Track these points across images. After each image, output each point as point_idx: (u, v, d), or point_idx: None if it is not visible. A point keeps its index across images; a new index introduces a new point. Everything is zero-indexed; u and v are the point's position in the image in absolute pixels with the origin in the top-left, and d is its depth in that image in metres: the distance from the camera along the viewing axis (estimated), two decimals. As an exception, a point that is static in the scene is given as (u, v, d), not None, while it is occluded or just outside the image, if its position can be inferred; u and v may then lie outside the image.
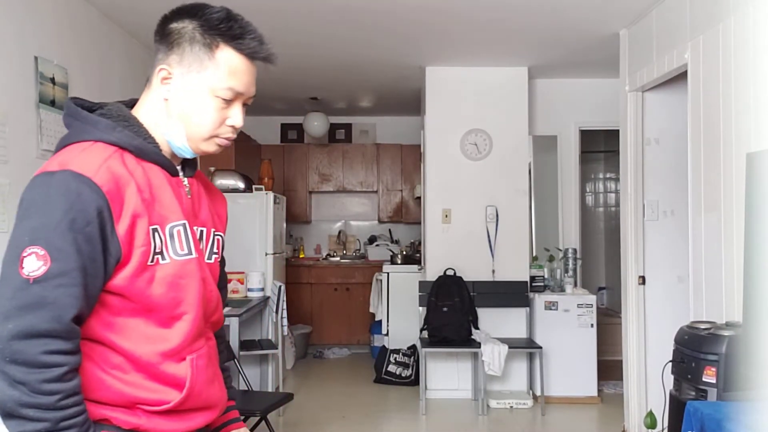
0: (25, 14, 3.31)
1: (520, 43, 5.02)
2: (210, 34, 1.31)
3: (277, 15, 4.23)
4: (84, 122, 1.29)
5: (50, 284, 1.16)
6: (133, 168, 1.27)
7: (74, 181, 1.19)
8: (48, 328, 1.15)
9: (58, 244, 1.17)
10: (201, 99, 1.32)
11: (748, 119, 2.98)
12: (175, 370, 1.30)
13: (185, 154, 1.37)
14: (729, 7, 3.15)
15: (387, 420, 5.13)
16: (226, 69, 1.31)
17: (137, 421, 1.27)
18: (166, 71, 1.32)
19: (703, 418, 2.30)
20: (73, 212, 1.18)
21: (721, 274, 3.22)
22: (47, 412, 1.15)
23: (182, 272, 1.31)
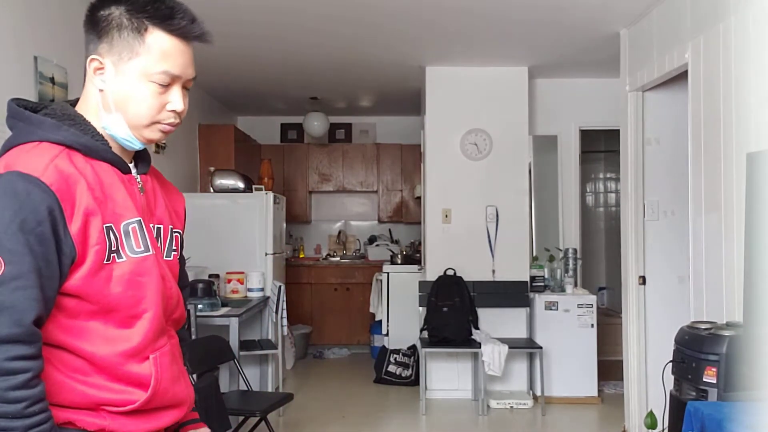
0: (25, 14, 3.30)
1: (521, 43, 5.02)
2: (137, 18, 1.27)
3: (277, 15, 4.23)
4: (27, 123, 1.26)
5: (6, 288, 1.13)
6: (82, 167, 1.23)
7: (22, 181, 1.15)
8: (8, 333, 1.12)
9: (10, 246, 1.14)
10: (136, 86, 1.28)
11: (749, 119, 2.97)
12: (138, 369, 1.27)
13: (134, 144, 1.33)
14: (729, 7, 3.15)
15: (387, 420, 5.13)
16: (158, 52, 1.28)
17: (102, 423, 1.25)
18: (98, 61, 1.28)
19: (703, 418, 2.29)
20: (23, 213, 1.14)
21: (722, 274, 3.21)
22: (14, 421, 1.12)
23: (140, 270, 1.28)
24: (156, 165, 1.48)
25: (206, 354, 3.83)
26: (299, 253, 8.01)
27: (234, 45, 4.89)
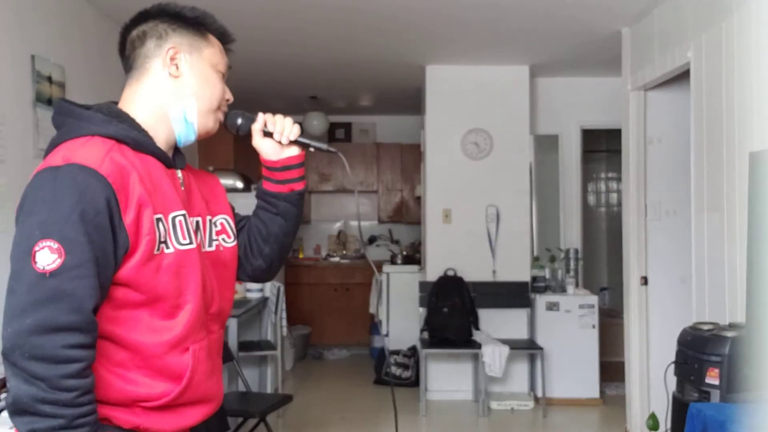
0: (22, 12, 3.29)
1: (522, 42, 5.00)
2: (195, 22, 1.43)
3: (276, 15, 4.21)
4: (78, 119, 1.31)
5: (66, 276, 1.16)
6: (132, 160, 1.28)
7: (81, 173, 1.20)
8: (67, 320, 1.15)
9: (70, 236, 1.17)
10: (208, 72, 1.43)
11: (751, 118, 2.95)
12: (177, 360, 1.31)
13: (190, 136, 1.42)
14: (731, 6, 3.13)
15: (387, 421, 5.11)
16: (218, 48, 1.46)
17: (137, 420, 1.28)
18: (175, 49, 1.39)
19: (706, 419, 2.27)
20: (83, 203, 1.18)
21: (724, 274, 3.19)
22: (64, 409, 1.14)
23: (184, 261, 1.32)
24: None
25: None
26: (299, 254, 8.00)
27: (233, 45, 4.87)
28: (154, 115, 1.38)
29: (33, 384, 1.13)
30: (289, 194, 1.55)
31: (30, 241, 1.18)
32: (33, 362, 1.13)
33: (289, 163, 1.54)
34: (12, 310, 1.16)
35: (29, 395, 1.13)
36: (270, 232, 1.55)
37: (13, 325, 1.15)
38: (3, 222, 3.05)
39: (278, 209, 1.55)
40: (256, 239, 1.56)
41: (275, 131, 1.52)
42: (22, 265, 1.17)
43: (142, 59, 1.40)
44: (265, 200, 1.56)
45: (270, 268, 1.59)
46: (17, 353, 1.14)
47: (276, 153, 1.53)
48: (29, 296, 1.15)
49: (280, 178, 1.54)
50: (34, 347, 1.13)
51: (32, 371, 1.13)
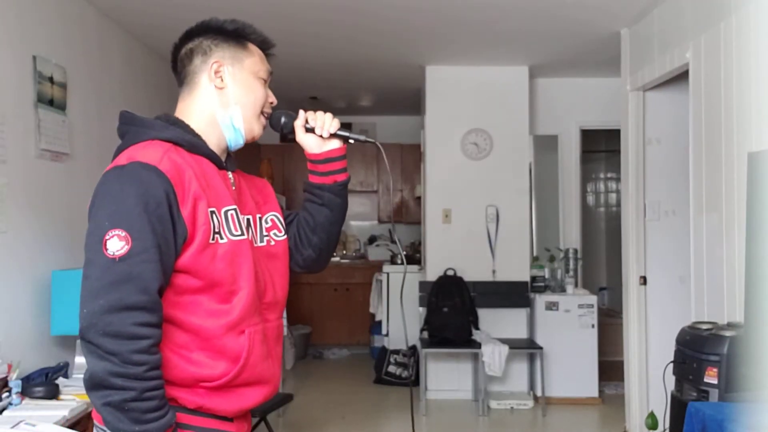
0: (24, 13, 3.29)
1: (521, 43, 5.01)
2: (236, 34, 1.57)
3: (276, 15, 4.22)
4: (140, 126, 1.46)
5: (134, 260, 1.29)
6: (188, 159, 1.43)
7: (143, 169, 1.34)
8: (136, 300, 1.27)
9: (136, 225, 1.30)
10: (250, 79, 1.55)
11: (750, 119, 2.96)
12: (234, 342, 1.41)
13: (239, 140, 1.55)
14: (730, 6, 3.14)
15: (387, 421, 5.12)
16: (258, 57, 1.58)
17: (200, 401, 1.39)
18: (218, 63, 1.52)
19: (704, 418, 2.28)
20: (146, 197, 1.31)
21: (723, 274, 3.20)
22: (135, 382, 1.25)
23: (237, 250, 1.44)
24: None
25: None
26: (299, 253, 7.99)
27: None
28: (205, 122, 1.52)
29: (106, 359, 1.25)
30: (332, 185, 1.66)
31: (101, 231, 1.31)
32: (106, 338, 1.25)
33: (331, 155, 1.66)
34: (87, 293, 1.30)
35: (104, 369, 1.25)
36: (317, 222, 1.66)
37: (88, 305, 1.28)
38: (3, 222, 3.06)
39: (323, 200, 1.66)
40: (305, 230, 1.67)
41: (316, 126, 1.63)
42: (94, 253, 1.31)
43: (191, 75, 1.55)
44: (311, 192, 1.67)
45: (319, 258, 1.71)
46: (92, 331, 1.26)
47: (318, 146, 1.65)
48: (101, 280, 1.28)
49: (324, 170, 1.66)
50: (107, 324, 1.26)
51: (106, 347, 1.25)
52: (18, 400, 2.73)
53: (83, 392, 2.95)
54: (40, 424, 2.41)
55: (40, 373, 3.06)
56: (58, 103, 3.52)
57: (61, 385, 2.96)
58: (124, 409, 1.25)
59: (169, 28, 4.52)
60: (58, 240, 3.56)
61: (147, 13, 4.18)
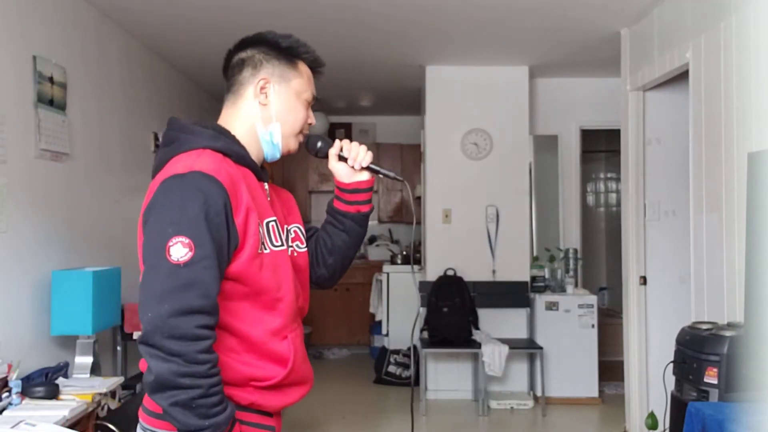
0: (24, 13, 3.29)
1: (521, 43, 5.01)
2: (288, 52, 1.60)
3: (276, 15, 4.22)
4: (190, 134, 1.50)
5: (197, 267, 1.33)
6: (235, 170, 1.47)
7: (204, 179, 1.37)
8: (199, 304, 1.32)
9: (198, 232, 1.34)
10: (293, 101, 1.59)
11: (750, 119, 2.96)
12: (279, 347, 1.48)
13: (276, 154, 1.61)
14: (730, 7, 3.14)
15: (387, 421, 5.12)
16: (306, 78, 1.62)
17: (251, 398, 1.46)
18: (265, 80, 1.56)
19: (704, 419, 2.28)
20: (207, 205, 1.36)
21: (723, 274, 3.20)
22: (201, 380, 1.30)
23: (278, 260, 1.51)
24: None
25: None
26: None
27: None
28: (247, 134, 1.57)
29: (171, 361, 1.29)
30: (355, 214, 1.72)
31: (164, 237, 1.34)
32: (171, 341, 1.29)
33: (359, 186, 1.71)
34: (150, 297, 1.33)
35: (170, 370, 1.29)
36: (334, 245, 1.74)
37: (152, 310, 1.31)
38: (3, 222, 3.06)
39: (344, 226, 1.73)
40: (322, 250, 1.74)
41: (349, 157, 1.69)
42: (157, 259, 1.34)
43: (238, 85, 1.59)
44: (334, 216, 1.74)
45: (331, 278, 1.79)
46: (158, 334, 1.30)
47: (348, 176, 1.71)
48: (165, 284, 1.32)
49: (349, 199, 1.72)
50: (172, 328, 1.29)
51: (170, 349, 1.29)
52: (18, 400, 2.74)
53: (83, 392, 2.95)
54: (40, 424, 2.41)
55: (40, 373, 3.06)
56: (58, 103, 3.52)
57: (61, 385, 2.96)
58: (192, 407, 1.30)
59: (169, 28, 4.54)
60: (58, 240, 3.56)
61: (147, 13, 4.18)
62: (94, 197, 4.01)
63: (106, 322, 3.48)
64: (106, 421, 3.04)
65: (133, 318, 4.11)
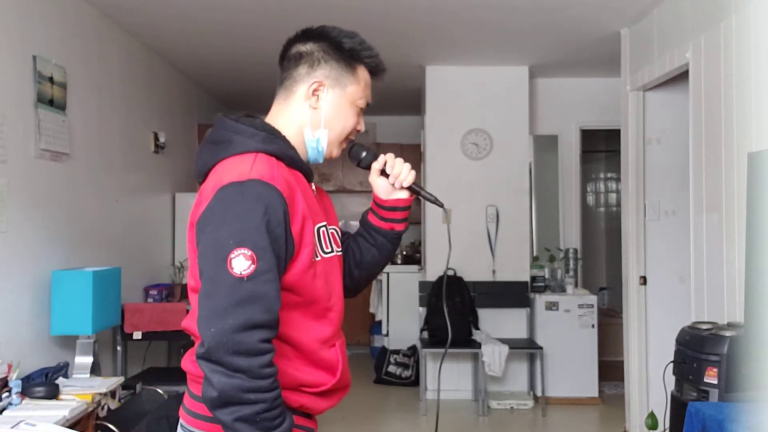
0: (24, 13, 3.29)
1: (521, 43, 5.01)
2: (349, 55, 1.52)
3: (276, 15, 4.22)
4: (242, 135, 1.43)
5: (260, 280, 1.29)
6: (288, 174, 1.42)
7: (264, 187, 1.33)
8: (263, 319, 1.28)
9: (261, 244, 1.30)
10: (345, 108, 1.53)
11: (750, 119, 2.96)
12: (328, 355, 1.48)
13: (319, 159, 1.55)
14: (730, 7, 3.14)
15: (387, 421, 5.12)
16: (364, 84, 1.55)
17: (301, 401, 1.45)
18: (319, 83, 1.49)
19: (704, 418, 2.28)
20: (268, 215, 1.31)
21: (723, 274, 3.20)
22: (265, 394, 1.28)
23: (330, 268, 1.48)
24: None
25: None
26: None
27: (234, 45, 4.88)
28: (296, 135, 1.50)
29: (235, 377, 1.25)
30: (388, 231, 1.66)
31: (225, 249, 1.29)
32: (236, 357, 1.25)
33: (397, 205, 1.65)
34: (212, 312, 1.28)
35: (234, 386, 1.25)
36: (363, 259, 1.69)
37: (216, 325, 1.27)
38: (4, 222, 3.06)
39: (376, 242, 1.67)
40: (349, 262, 1.68)
41: (392, 174, 1.62)
42: (218, 271, 1.29)
43: (291, 81, 1.52)
44: (367, 231, 1.68)
45: (355, 290, 1.76)
46: (221, 350, 1.26)
47: (387, 193, 1.64)
48: (229, 298, 1.27)
49: (385, 216, 1.66)
50: (237, 343, 1.26)
51: (235, 365, 1.25)
52: (18, 400, 2.74)
53: (83, 392, 2.95)
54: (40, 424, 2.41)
55: (40, 373, 3.06)
56: (58, 103, 3.52)
57: (61, 385, 2.96)
58: (256, 421, 1.27)
59: (169, 28, 4.54)
60: (58, 240, 3.56)
61: (147, 13, 4.18)
62: (94, 197, 4.01)
63: (106, 322, 3.48)
64: (106, 421, 3.04)
65: (133, 318, 4.12)
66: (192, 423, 1.43)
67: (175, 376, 4.08)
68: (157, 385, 3.88)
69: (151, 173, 4.97)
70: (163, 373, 4.44)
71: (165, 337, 4.36)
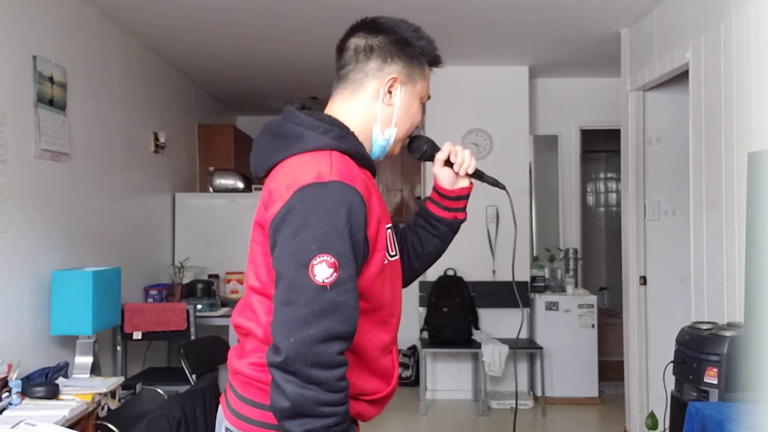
0: (24, 13, 3.29)
1: (521, 42, 5.01)
2: (421, 52, 1.48)
3: (276, 14, 4.22)
4: (315, 130, 1.36)
5: (341, 289, 1.23)
6: (361, 174, 1.36)
7: (347, 190, 1.26)
8: (343, 330, 1.23)
9: (344, 251, 1.24)
10: (414, 105, 1.49)
11: (750, 118, 2.96)
12: (386, 362, 1.43)
13: (381, 156, 1.50)
14: (730, 6, 3.14)
15: (387, 420, 5.12)
16: (428, 79, 1.51)
17: (357, 408, 1.39)
18: (394, 80, 1.44)
19: (704, 418, 2.28)
20: (351, 221, 1.25)
21: (723, 274, 3.20)
22: (339, 407, 1.23)
23: (395, 271, 1.43)
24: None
25: (205, 354, 3.82)
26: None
27: (234, 45, 4.88)
28: (363, 131, 1.44)
29: (309, 389, 1.20)
30: (452, 221, 1.65)
31: (307, 255, 1.23)
32: (314, 368, 1.20)
33: (462, 194, 1.63)
34: (291, 320, 1.22)
35: (308, 399, 1.19)
36: (425, 250, 1.65)
37: (296, 335, 1.21)
38: (4, 222, 3.06)
39: (438, 232, 1.64)
40: (409, 254, 1.64)
41: (456, 163, 1.59)
42: (299, 277, 1.23)
43: (362, 75, 1.45)
44: (428, 221, 1.65)
45: (411, 280, 1.68)
46: (300, 361, 1.20)
47: (451, 183, 1.62)
48: (310, 307, 1.21)
49: (449, 206, 1.63)
50: (316, 355, 1.20)
51: (311, 376, 1.20)
52: (18, 400, 2.74)
53: (83, 392, 2.95)
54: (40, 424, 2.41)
55: (40, 373, 3.06)
56: (58, 103, 3.52)
57: (61, 385, 2.96)
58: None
59: (169, 28, 4.54)
60: (59, 240, 3.56)
61: (147, 13, 4.18)
62: (94, 197, 4.01)
63: (106, 322, 3.48)
64: (106, 421, 3.04)
65: (133, 318, 4.12)
66: (245, 428, 1.36)
67: (175, 376, 4.08)
68: (157, 385, 3.88)
69: (151, 173, 4.97)
70: (163, 373, 4.44)
71: (165, 337, 4.36)
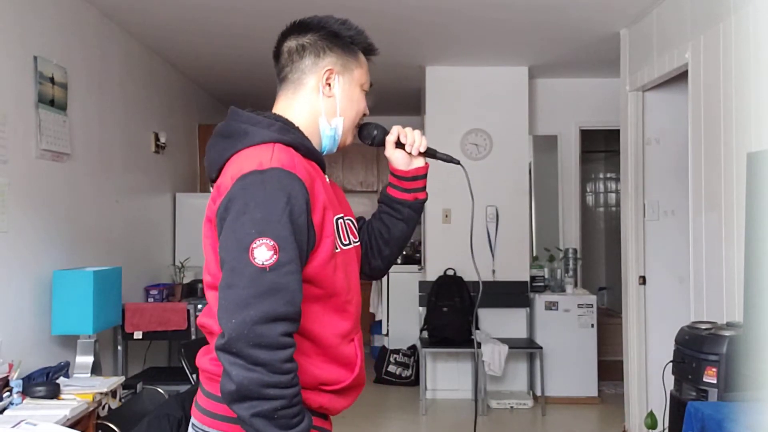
0: (25, 13, 3.30)
1: (521, 43, 5.01)
2: (350, 41, 1.54)
3: (276, 14, 4.22)
4: (257, 125, 1.41)
5: (281, 271, 1.25)
6: (306, 164, 1.39)
7: (286, 176, 1.30)
8: (285, 311, 1.25)
9: (283, 234, 1.26)
10: (356, 92, 1.53)
11: (749, 119, 2.97)
12: (347, 351, 1.44)
13: (333, 148, 1.54)
14: (729, 7, 3.14)
15: (387, 420, 5.12)
16: (364, 67, 1.56)
17: (321, 401, 1.41)
18: (330, 71, 1.48)
19: (703, 418, 2.29)
20: (290, 204, 1.28)
21: (722, 273, 3.21)
22: (285, 390, 1.24)
23: (349, 260, 1.46)
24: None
25: (206, 354, 3.83)
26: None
27: (234, 45, 4.89)
28: (309, 126, 1.48)
29: (254, 370, 1.21)
30: (413, 202, 1.67)
31: (247, 239, 1.26)
32: (256, 349, 1.22)
33: (418, 173, 1.67)
34: (233, 303, 1.24)
35: (253, 381, 1.21)
36: (392, 235, 1.67)
37: (237, 316, 1.23)
38: (5, 222, 3.07)
39: (402, 215, 1.66)
40: (377, 241, 1.67)
41: (407, 143, 1.64)
42: (239, 261, 1.26)
43: (299, 73, 1.50)
44: (390, 206, 1.68)
45: (385, 268, 1.72)
46: (242, 342, 1.22)
47: (406, 164, 1.66)
48: (250, 289, 1.24)
49: (408, 187, 1.66)
50: (257, 336, 1.22)
51: (255, 358, 1.22)
52: (19, 400, 2.74)
53: (84, 392, 2.96)
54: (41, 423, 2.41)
55: (41, 372, 3.07)
56: (59, 104, 3.53)
57: (62, 385, 2.97)
58: (274, 418, 1.23)
59: (169, 28, 4.55)
60: (59, 240, 3.56)
61: (147, 13, 4.18)
62: (95, 197, 4.02)
63: (106, 321, 3.49)
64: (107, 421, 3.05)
65: (133, 318, 4.12)
66: (208, 423, 1.39)
67: (175, 376, 4.09)
68: (157, 385, 3.88)
69: (152, 173, 4.98)
70: (163, 372, 4.45)
71: (165, 337, 4.36)
